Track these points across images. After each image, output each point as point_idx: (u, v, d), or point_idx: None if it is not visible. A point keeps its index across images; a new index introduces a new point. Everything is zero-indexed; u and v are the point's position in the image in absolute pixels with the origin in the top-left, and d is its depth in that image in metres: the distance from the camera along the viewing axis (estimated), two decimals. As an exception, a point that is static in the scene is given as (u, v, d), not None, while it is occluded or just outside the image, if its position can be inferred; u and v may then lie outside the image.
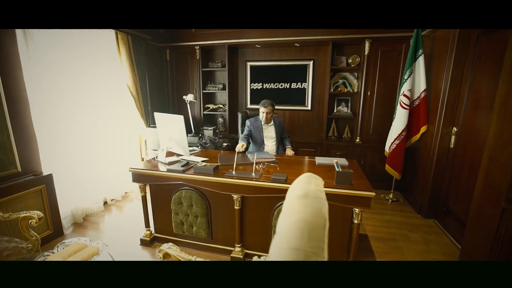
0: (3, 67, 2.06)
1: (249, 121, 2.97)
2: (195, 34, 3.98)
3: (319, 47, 3.89)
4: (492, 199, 1.93)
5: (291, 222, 0.57)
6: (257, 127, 2.94)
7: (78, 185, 2.83)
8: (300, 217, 0.58)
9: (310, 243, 0.52)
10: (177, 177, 2.09)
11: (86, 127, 2.92)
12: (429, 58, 3.01)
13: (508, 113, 1.83)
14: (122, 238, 2.53)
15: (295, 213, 0.60)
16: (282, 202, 1.91)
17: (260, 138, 2.94)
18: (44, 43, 2.41)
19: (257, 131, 2.94)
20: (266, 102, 2.87)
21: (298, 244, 0.51)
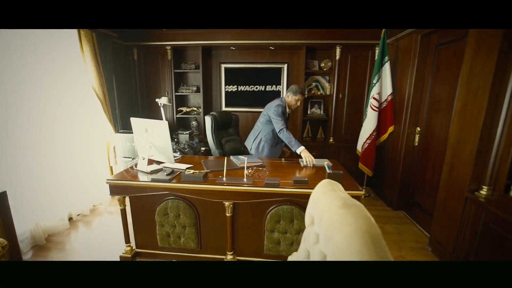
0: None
1: (282, 107, 2.68)
2: (166, 34, 3.79)
3: (293, 51, 3.99)
4: (456, 190, 2.18)
5: (352, 233, 0.57)
6: (285, 113, 2.75)
7: (38, 201, 2.49)
8: (358, 229, 0.58)
9: (376, 251, 0.52)
10: (163, 187, 1.96)
11: (45, 136, 2.58)
12: (394, 64, 3.28)
13: (466, 116, 2.09)
14: (96, 258, 2.29)
15: (349, 222, 0.61)
16: (275, 206, 1.93)
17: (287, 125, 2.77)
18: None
19: (285, 119, 2.76)
20: (300, 89, 2.69)
21: (369, 255, 0.52)
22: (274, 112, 2.65)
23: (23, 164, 2.39)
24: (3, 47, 2.21)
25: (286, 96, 2.76)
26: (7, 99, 2.23)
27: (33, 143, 2.47)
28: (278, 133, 2.64)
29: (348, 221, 0.63)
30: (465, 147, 2.10)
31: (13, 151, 2.31)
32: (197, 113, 4.22)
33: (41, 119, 2.54)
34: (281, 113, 2.64)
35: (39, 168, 2.52)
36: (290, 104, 2.75)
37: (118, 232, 2.60)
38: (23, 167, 2.38)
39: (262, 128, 2.85)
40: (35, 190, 2.48)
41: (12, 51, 2.27)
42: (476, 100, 1.97)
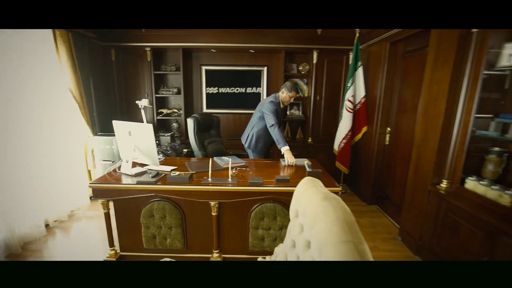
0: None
1: (274, 104, 2.77)
2: (145, 35, 3.75)
3: (273, 54, 4.12)
4: (421, 184, 2.42)
5: (331, 220, 0.68)
6: (279, 109, 2.85)
7: (12, 207, 2.38)
8: (337, 216, 0.70)
9: (354, 235, 0.64)
10: (149, 189, 1.99)
11: (19, 139, 2.48)
12: (366, 69, 3.52)
13: (428, 118, 2.33)
14: (79, 262, 2.24)
15: (331, 212, 0.72)
16: (259, 204, 2.02)
17: (279, 122, 2.89)
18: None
19: (279, 114, 2.85)
20: (294, 86, 2.80)
21: (346, 237, 0.63)
22: (267, 108, 2.75)
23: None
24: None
25: (280, 92, 2.84)
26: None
27: (5, 146, 2.36)
28: (269, 129, 2.74)
29: (328, 211, 0.74)
30: (428, 146, 2.34)
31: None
32: (178, 115, 4.21)
33: (14, 121, 2.43)
34: (274, 110, 2.73)
35: (12, 172, 2.41)
36: (284, 100, 2.84)
37: (99, 237, 2.58)
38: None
39: (256, 123, 2.94)
40: (8, 195, 2.37)
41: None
42: (436, 104, 2.21)
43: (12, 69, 2.41)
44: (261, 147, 2.97)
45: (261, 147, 2.98)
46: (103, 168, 3.39)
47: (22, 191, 2.49)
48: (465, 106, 1.99)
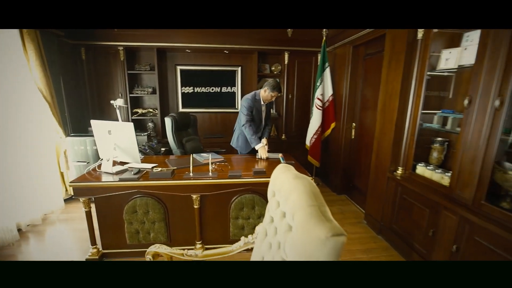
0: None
1: (250, 101, 2.79)
2: (117, 34, 3.71)
3: (246, 55, 4.28)
4: (381, 172, 2.74)
5: (301, 192, 0.87)
6: (258, 107, 2.85)
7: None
8: (306, 189, 0.88)
9: (318, 201, 0.82)
10: (131, 186, 2.05)
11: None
12: (333, 69, 3.82)
13: (385, 114, 2.65)
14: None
15: (300, 187, 0.90)
16: (238, 196, 2.18)
17: (259, 118, 2.90)
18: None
19: (258, 111, 2.85)
20: (278, 86, 2.74)
21: (312, 202, 0.81)
22: (242, 106, 2.82)
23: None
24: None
25: (263, 90, 2.80)
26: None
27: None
28: (242, 128, 2.83)
29: (299, 186, 0.92)
30: (385, 138, 2.66)
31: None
32: (153, 115, 4.21)
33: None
34: (248, 107, 2.76)
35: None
36: (265, 99, 2.84)
37: (77, 239, 2.57)
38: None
39: (238, 122, 3.02)
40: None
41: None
42: (391, 101, 2.53)
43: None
44: (241, 145, 3.03)
45: (241, 146, 3.03)
46: (77, 170, 3.32)
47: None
48: (414, 103, 2.32)
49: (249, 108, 2.79)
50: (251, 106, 2.81)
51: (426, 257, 2.14)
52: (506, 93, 1.54)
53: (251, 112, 2.81)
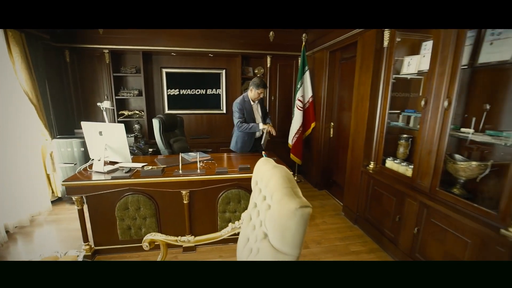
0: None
1: (239, 104, 2.93)
2: (103, 37, 3.76)
3: (230, 58, 4.45)
4: (356, 167, 3.00)
5: (278, 177, 1.06)
6: (249, 108, 2.97)
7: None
8: (282, 175, 1.07)
9: (291, 184, 1.02)
10: (123, 183, 2.16)
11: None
12: (312, 72, 4.08)
13: (358, 114, 2.91)
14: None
15: (277, 174, 1.09)
16: (225, 191, 2.35)
17: (253, 118, 3.00)
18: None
19: (250, 112, 2.97)
20: (263, 81, 2.88)
21: (287, 185, 1.00)
22: (233, 109, 3.00)
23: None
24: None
25: (249, 91, 2.94)
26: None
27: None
28: (236, 128, 2.99)
29: (277, 173, 1.11)
30: (359, 136, 2.93)
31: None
32: (139, 116, 4.27)
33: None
34: (239, 109, 2.92)
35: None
36: (253, 98, 2.96)
37: (67, 239, 2.63)
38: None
39: (235, 126, 3.12)
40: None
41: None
42: (363, 102, 2.79)
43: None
44: (241, 146, 3.13)
45: (241, 147, 3.14)
46: (64, 171, 3.34)
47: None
48: (382, 103, 2.59)
49: (240, 111, 2.94)
50: (241, 108, 2.94)
51: (394, 241, 2.41)
52: (453, 95, 1.82)
53: (242, 114, 2.95)
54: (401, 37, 2.43)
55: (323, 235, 2.81)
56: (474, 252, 1.67)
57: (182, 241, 1.48)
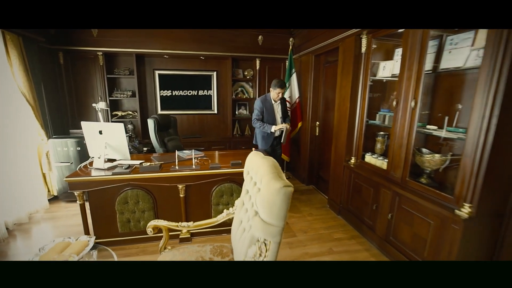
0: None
1: (259, 102, 3.22)
2: (97, 40, 3.87)
3: (221, 61, 4.64)
4: (339, 162, 3.26)
5: (267, 165, 1.27)
6: (269, 106, 3.22)
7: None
8: (270, 164, 1.28)
9: (277, 170, 1.23)
10: (123, 179, 2.32)
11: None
12: (299, 75, 4.32)
13: (341, 113, 3.17)
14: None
15: (266, 163, 1.30)
16: (218, 185, 2.55)
17: (272, 117, 3.24)
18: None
19: (270, 111, 3.21)
20: (280, 82, 3.10)
21: (273, 171, 1.21)
22: (254, 107, 3.28)
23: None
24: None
25: (271, 90, 3.24)
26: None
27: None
28: (252, 124, 3.28)
29: (265, 162, 1.32)
30: (341, 134, 3.18)
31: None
32: (132, 117, 4.39)
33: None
34: (257, 108, 3.21)
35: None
36: (273, 98, 3.23)
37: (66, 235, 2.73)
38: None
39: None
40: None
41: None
42: (344, 103, 3.05)
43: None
44: (260, 141, 3.39)
45: (260, 142, 3.39)
46: (59, 171, 3.44)
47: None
48: (361, 104, 2.85)
49: (259, 109, 3.21)
50: (261, 106, 3.21)
51: (372, 227, 2.67)
52: (418, 97, 2.09)
53: (261, 112, 3.21)
54: (377, 43, 2.70)
55: (309, 225, 3.04)
56: (435, 231, 1.94)
57: (182, 226, 1.67)
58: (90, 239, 1.53)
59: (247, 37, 4.40)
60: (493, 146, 1.61)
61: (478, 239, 1.84)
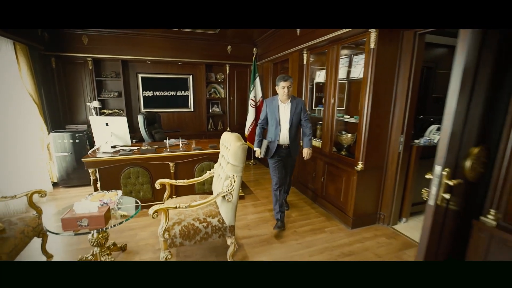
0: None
1: (265, 103, 2.87)
2: (87, 48, 4.46)
3: (196, 66, 5.44)
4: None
5: (234, 137, 2.18)
6: (273, 108, 2.78)
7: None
8: (235, 136, 2.20)
9: (239, 138, 2.16)
10: (127, 159, 3.07)
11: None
12: (262, 78, 5.28)
13: (292, 107, 4.19)
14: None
15: (232, 135, 2.22)
16: (199, 163, 3.43)
17: (276, 118, 2.77)
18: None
19: (273, 112, 2.79)
20: (280, 77, 2.65)
21: (236, 139, 2.13)
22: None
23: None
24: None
25: (276, 89, 2.80)
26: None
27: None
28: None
29: (232, 135, 2.22)
30: (293, 124, 4.20)
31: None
32: (118, 114, 5.02)
33: None
34: (264, 110, 2.88)
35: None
36: (282, 96, 2.74)
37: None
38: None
39: None
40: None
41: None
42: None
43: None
44: (264, 151, 2.94)
45: (264, 152, 2.95)
46: (58, 160, 4.01)
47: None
48: (304, 101, 3.88)
49: (264, 111, 2.89)
50: (265, 109, 2.89)
51: (313, 190, 3.71)
52: (336, 96, 3.14)
53: (265, 114, 2.89)
54: (314, 57, 3.74)
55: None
56: (345, 182, 3.01)
57: (180, 182, 2.51)
58: (118, 192, 2.31)
59: (218, 47, 5.27)
60: (370, 126, 2.70)
61: (369, 184, 2.93)
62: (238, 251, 2.49)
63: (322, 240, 2.74)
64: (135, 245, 2.60)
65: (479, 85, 1.50)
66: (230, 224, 2.15)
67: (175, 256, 2.42)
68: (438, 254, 1.73)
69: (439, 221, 1.65)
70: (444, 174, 1.47)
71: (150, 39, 4.79)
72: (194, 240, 2.04)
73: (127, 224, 2.90)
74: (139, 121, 4.07)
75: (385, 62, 2.63)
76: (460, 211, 1.80)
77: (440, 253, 1.75)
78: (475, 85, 1.48)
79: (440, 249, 1.74)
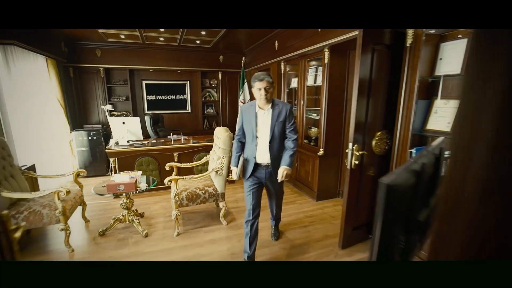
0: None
1: (242, 108, 2.26)
2: (100, 59, 5.26)
3: (193, 73, 6.28)
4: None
5: (224, 130, 3.03)
6: (249, 115, 2.17)
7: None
8: (225, 129, 3.05)
9: (228, 130, 3.01)
10: (140, 150, 3.89)
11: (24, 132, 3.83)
12: (249, 83, 6.12)
13: (274, 108, 5.06)
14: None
15: (223, 129, 3.07)
16: (198, 153, 4.27)
17: (251, 129, 2.16)
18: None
19: (249, 121, 2.17)
20: (256, 75, 2.04)
21: (226, 130, 2.98)
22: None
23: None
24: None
25: (252, 92, 2.17)
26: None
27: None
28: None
29: (223, 129, 3.04)
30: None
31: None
32: (126, 115, 5.81)
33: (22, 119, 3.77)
34: (239, 120, 2.32)
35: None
36: (260, 101, 2.10)
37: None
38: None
39: None
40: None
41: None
42: (274, 102, 4.95)
43: (19, 87, 3.74)
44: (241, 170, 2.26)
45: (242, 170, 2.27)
46: (79, 154, 4.79)
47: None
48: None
49: (240, 121, 2.30)
50: (241, 118, 2.29)
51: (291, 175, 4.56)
52: (304, 99, 4.02)
53: (240, 125, 2.29)
54: (290, 67, 4.62)
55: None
56: (311, 165, 3.88)
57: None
58: (139, 172, 3.12)
59: (212, 57, 6.12)
60: (327, 121, 3.58)
61: (329, 166, 3.81)
62: (228, 216, 3.32)
63: (293, 208, 3.60)
64: (150, 213, 3.42)
65: (376, 87, 2.39)
66: (221, 192, 2.99)
67: (181, 219, 3.24)
68: (358, 202, 2.61)
69: (356, 179, 2.53)
70: (354, 148, 2.35)
71: (153, 51, 5.61)
72: (196, 202, 2.88)
73: (142, 199, 3.72)
74: (146, 120, 4.89)
75: (337, 73, 3.52)
76: (376, 176, 2.68)
77: (360, 203, 2.63)
78: (371, 87, 2.36)
79: (359, 200, 2.62)
